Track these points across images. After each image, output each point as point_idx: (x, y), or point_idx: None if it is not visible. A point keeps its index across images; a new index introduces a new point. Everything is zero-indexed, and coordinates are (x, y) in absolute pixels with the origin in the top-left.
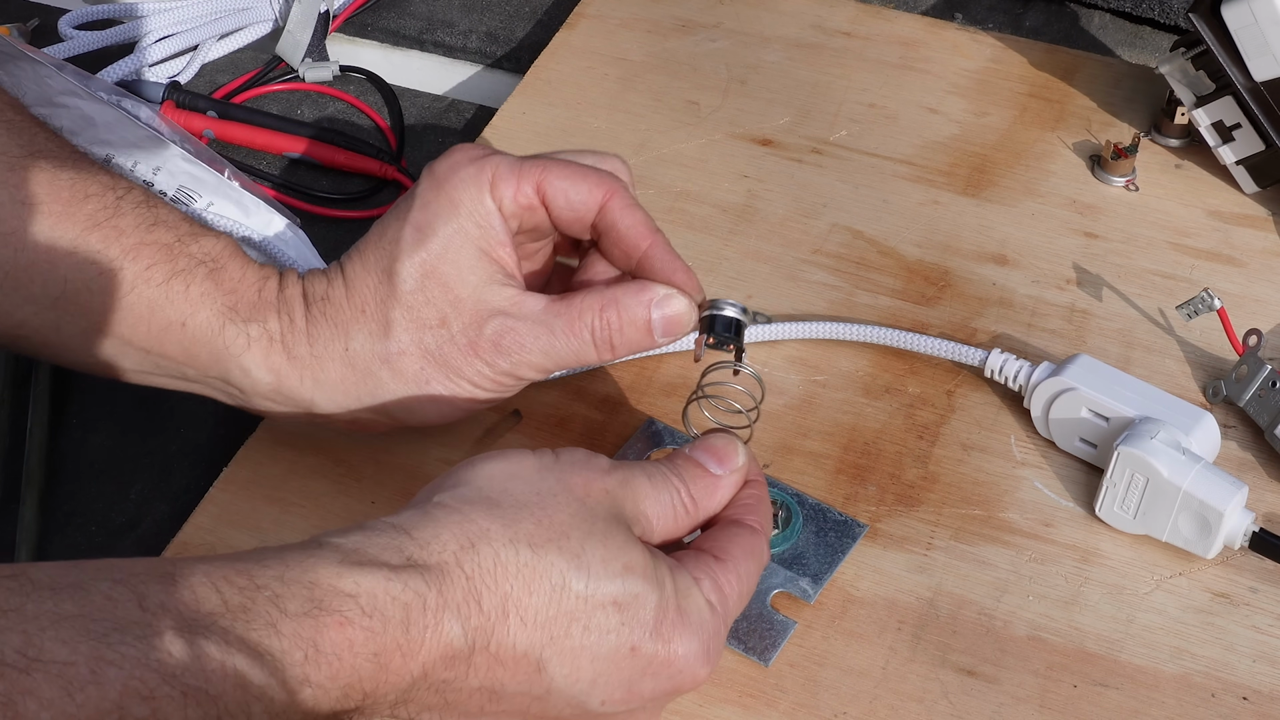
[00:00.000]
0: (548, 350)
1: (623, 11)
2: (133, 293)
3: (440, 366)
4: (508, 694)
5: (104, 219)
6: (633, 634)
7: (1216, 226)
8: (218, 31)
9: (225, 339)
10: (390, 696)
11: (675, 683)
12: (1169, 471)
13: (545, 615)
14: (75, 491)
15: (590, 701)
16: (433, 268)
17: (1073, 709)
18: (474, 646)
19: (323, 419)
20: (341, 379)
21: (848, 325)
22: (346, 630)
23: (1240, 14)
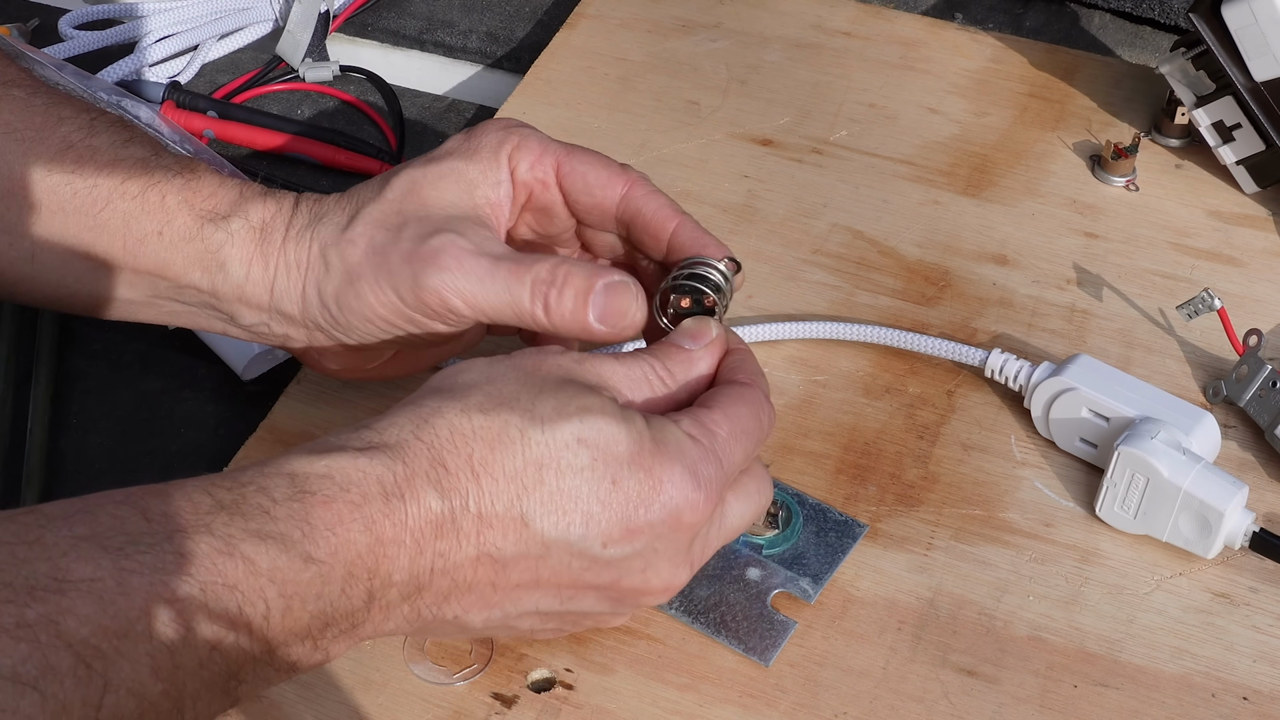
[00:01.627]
0: (483, 282)
1: (623, 11)
2: (108, 208)
3: (375, 264)
4: (508, 559)
5: (78, 140)
6: (608, 468)
7: (1217, 226)
8: (218, 31)
9: (204, 238)
10: (397, 579)
11: (670, 511)
12: (1169, 471)
13: (513, 467)
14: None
15: (592, 546)
16: (420, 185)
17: (1073, 709)
18: (454, 510)
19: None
20: (298, 262)
21: (848, 325)
22: (332, 505)
23: (1240, 14)
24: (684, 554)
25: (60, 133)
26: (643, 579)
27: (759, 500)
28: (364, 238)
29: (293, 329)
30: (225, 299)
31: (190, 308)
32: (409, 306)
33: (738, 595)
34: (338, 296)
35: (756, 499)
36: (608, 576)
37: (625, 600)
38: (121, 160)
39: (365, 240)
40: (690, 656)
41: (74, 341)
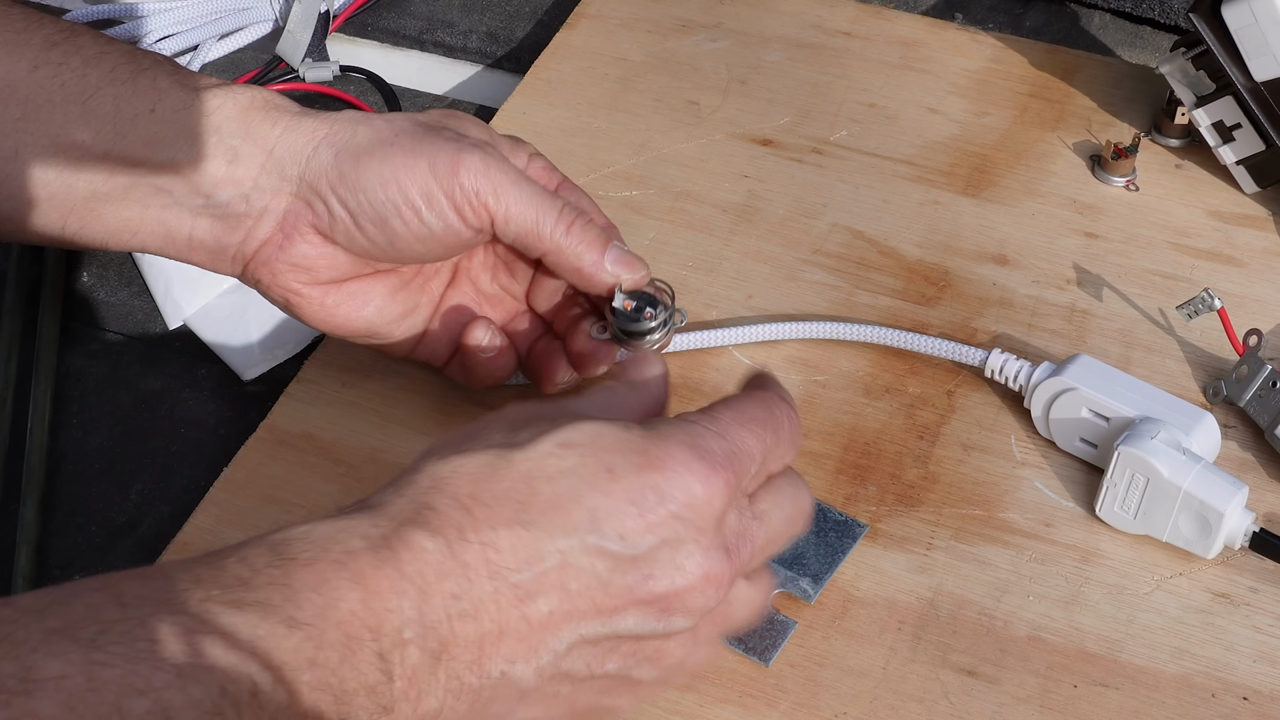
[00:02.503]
0: (518, 186)
1: (623, 11)
2: (98, 93)
3: (415, 137)
4: (527, 582)
5: (61, 39)
6: (599, 459)
7: (1217, 226)
8: (218, 31)
9: (201, 103)
10: (409, 635)
11: (680, 488)
12: (1169, 471)
13: (502, 489)
14: (75, 491)
15: (609, 542)
16: (455, 115)
17: (1073, 709)
18: (450, 544)
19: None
20: (314, 128)
21: (848, 325)
22: (314, 566)
23: (1240, 14)
24: (712, 535)
25: (43, 34)
26: (677, 571)
27: (795, 500)
28: (403, 121)
29: (277, 200)
30: (209, 166)
31: (163, 195)
32: (439, 181)
33: None
34: (358, 158)
35: (793, 497)
36: (637, 576)
37: (671, 607)
38: (108, 53)
39: (404, 123)
40: None
41: (74, 341)
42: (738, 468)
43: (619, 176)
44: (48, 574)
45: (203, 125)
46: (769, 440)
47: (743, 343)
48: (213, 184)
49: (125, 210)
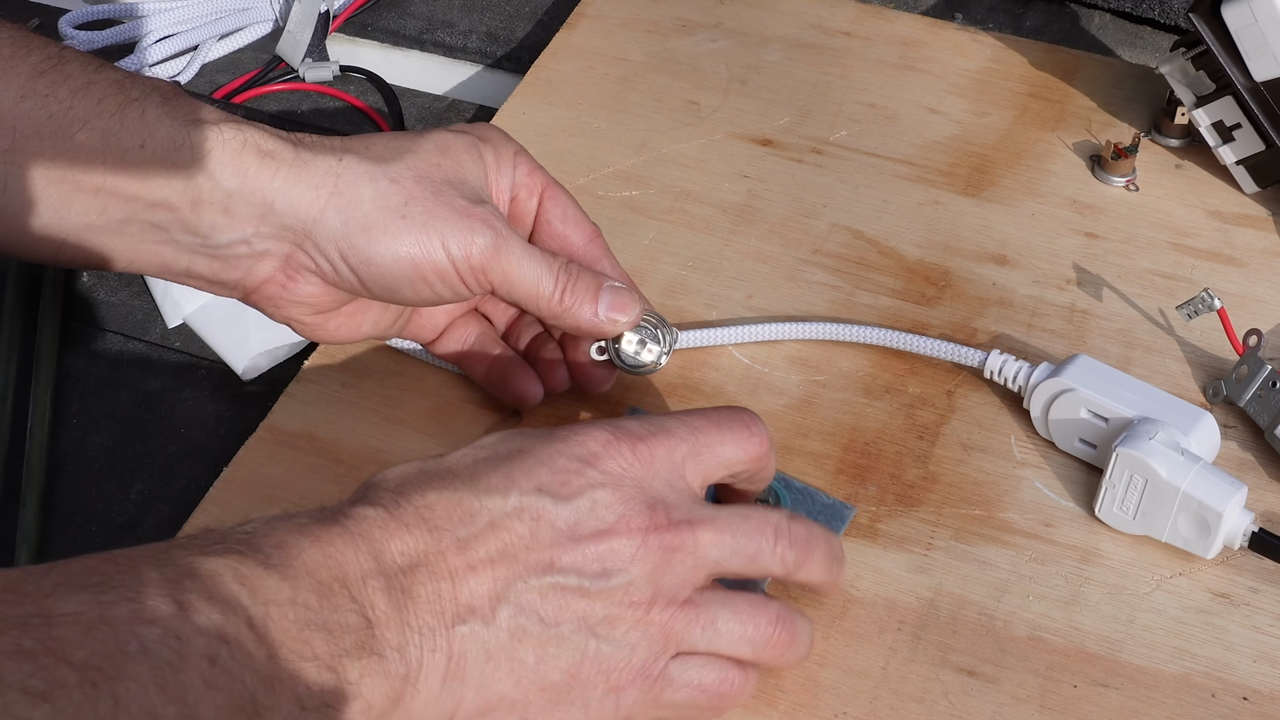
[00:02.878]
0: (520, 262)
1: (623, 11)
2: (85, 127)
3: (426, 210)
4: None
5: (49, 67)
6: (510, 445)
7: (1217, 226)
8: (218, 31)
9: (192, 144)
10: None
11: (582, 447)
12: (1167, 472)
13: (426, 479)
14: (75, 491)
15: (529, 498)
16: (453, 149)
17: (1073, 709)
18: (388, 509)
19: (260, 244)
20: (316, 184)
21: (848, 326)
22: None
23: (1240, 14)
24: (630, 489)
25: (30, 61)
26: (601, 518)
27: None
28: (408, 181)
29: (279, 245)
30: (205, 212)
31: (159, 231)
32: (452, 261)
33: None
34: (369, 230)
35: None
36: (565, 522)
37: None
38: (95, 83)
39: (411, 180)
40: None
41: (74, 341)
42: (648, 439)
43: (619, 176)
44: None
45: (195, 168)
46: (699, 424)
47: (743, 342)
48: (210, 228)
49: (120, 243)
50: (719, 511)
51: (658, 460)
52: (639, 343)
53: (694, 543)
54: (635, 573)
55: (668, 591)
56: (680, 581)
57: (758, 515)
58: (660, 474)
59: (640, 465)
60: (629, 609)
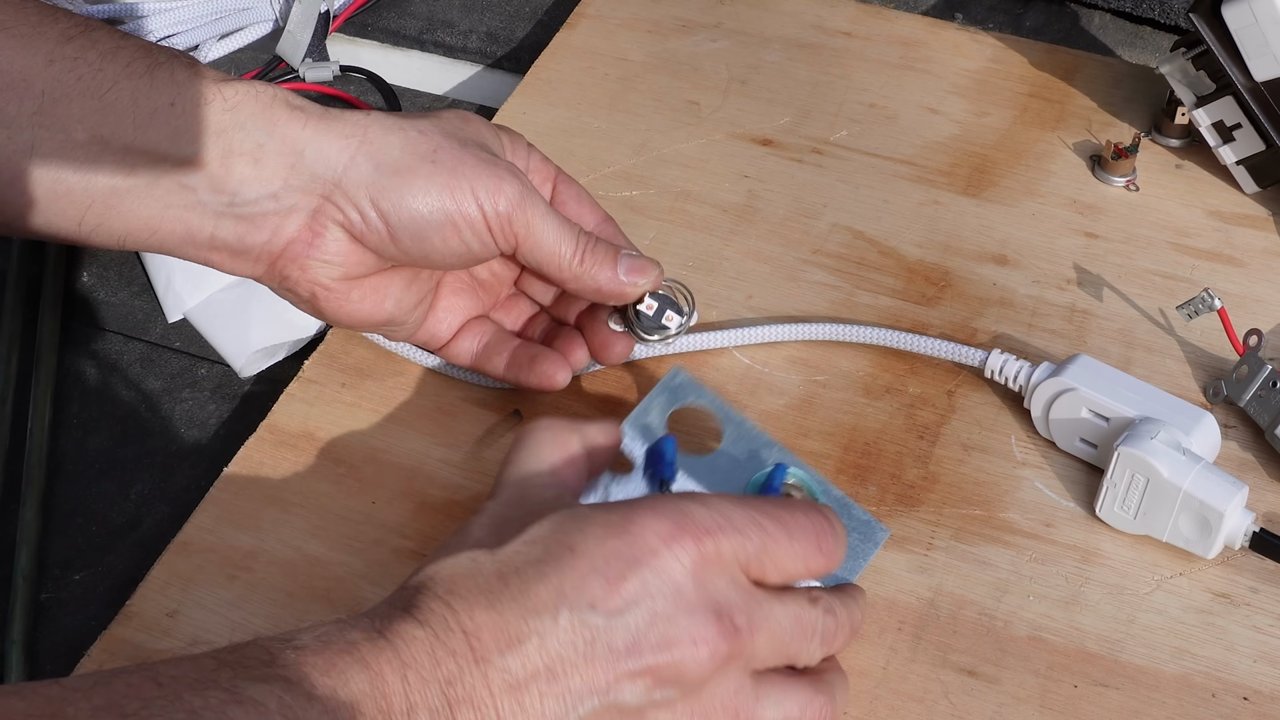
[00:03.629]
0: (545, 217)
1: (623, 11)
2: (114, 88)
3: (454, 158)
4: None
5: (77, 33)
6: (562, 542)
7: (1217, 226)
8: (218, 32)
9: (222, 97)
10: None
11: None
12: (1169, 472)
13: (475, 585)
14: (75, 491)
15: (582, 613)
16: (471, 121)
17: (1073, 709)
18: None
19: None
20: (345, 134)
21: (848, 326)
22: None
23: (1240, 14)
24: (693, 596)
25: (58, 28)
26: (658, 634)
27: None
28: (435, 134)
29: (307, 199)
30: (235, 164)
31: (186, 193)
32: (481, 207)
33: None
34: (401, 173)
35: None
36: (619, 644)
37: (664, 675)
38: (123, 48)
39: (439, 134)
40: None
41: (74, 341)
42: (714, 532)
43: (619, 176)
44: (48, 574)
45: (226, 121)
46: (769, 526)
47: (744, 344)
48: (239, 182)
49: (145, 208)
50: (773, 610)
51: (724, 558)
52: (659, 310)
53: (751, 649)
54: (695, 684)
55: (723, 699)
56: (736, 688)
57: (805, 615)
58: (723, 572)
59: (702, 562)
60: (687, 717)
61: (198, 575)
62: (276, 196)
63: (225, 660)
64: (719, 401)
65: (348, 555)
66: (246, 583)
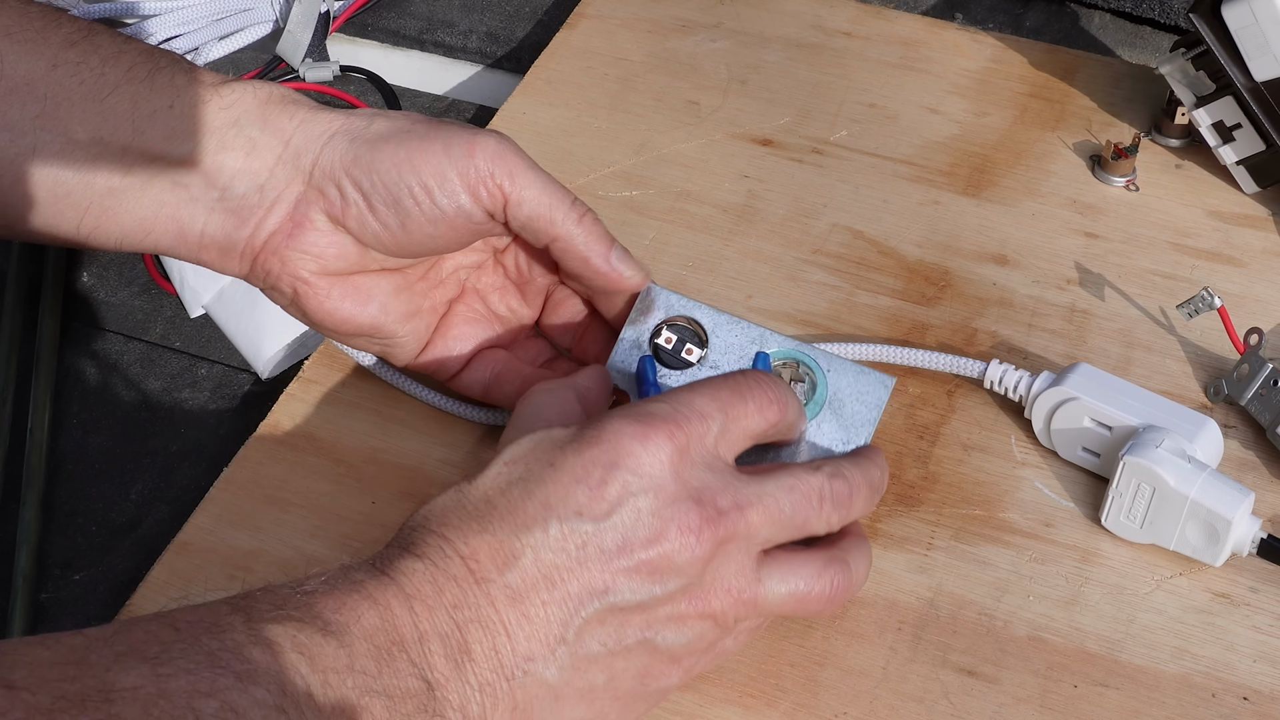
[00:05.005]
0: (533, 174)
1: (623, 11)
2: (115, 92)
3: (429, 126)
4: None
5: (80, 38)
6: (541, 459)
7: (1217, 226)
8: (219, 32)
9: (219, 97)
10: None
11: (616, 453)
12: (1176, 480)
13: (465, 513)
14: (75, 491)
15: (569, 522)
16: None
17: (1073, 709)
18: (434, 561)
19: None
20: (331, 119)
21: (843, 345)
22: (331, 594)
23: (1240, 14)
24: (672, 488)
25: (62, 33)
26: (644, 528)
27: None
28: (420, 118)
29: (290, 189)
30: (227, 159)
31: (180, 190)
32: (453, 162)
33: None
34: (374, 144)
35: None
36: (610, 544)
37: (657, 566)
38: (125, 52)
39: (418, 116)
40: None
41: (74, 341)
42: (681, 422)
43: (619, 176)
44: (48, 574)
45: (221, 118)
46: (725, 397)
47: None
48: (230, 176)
49: (141, 208)
50: (764, 485)
51: (693, 445)
52: (678, 343)
53: (745, 527)
54: (692, 573)
55: (725, 581)
56: (737, 569)
57: (803, 483)
58: (698, 459)
59: (677, 454)
60: (689, 606)
61: (198, 575)
62: (263, 188)
63: (238, 605)
64: (697, 305)
65: (348, 555)
66: (246, 583)
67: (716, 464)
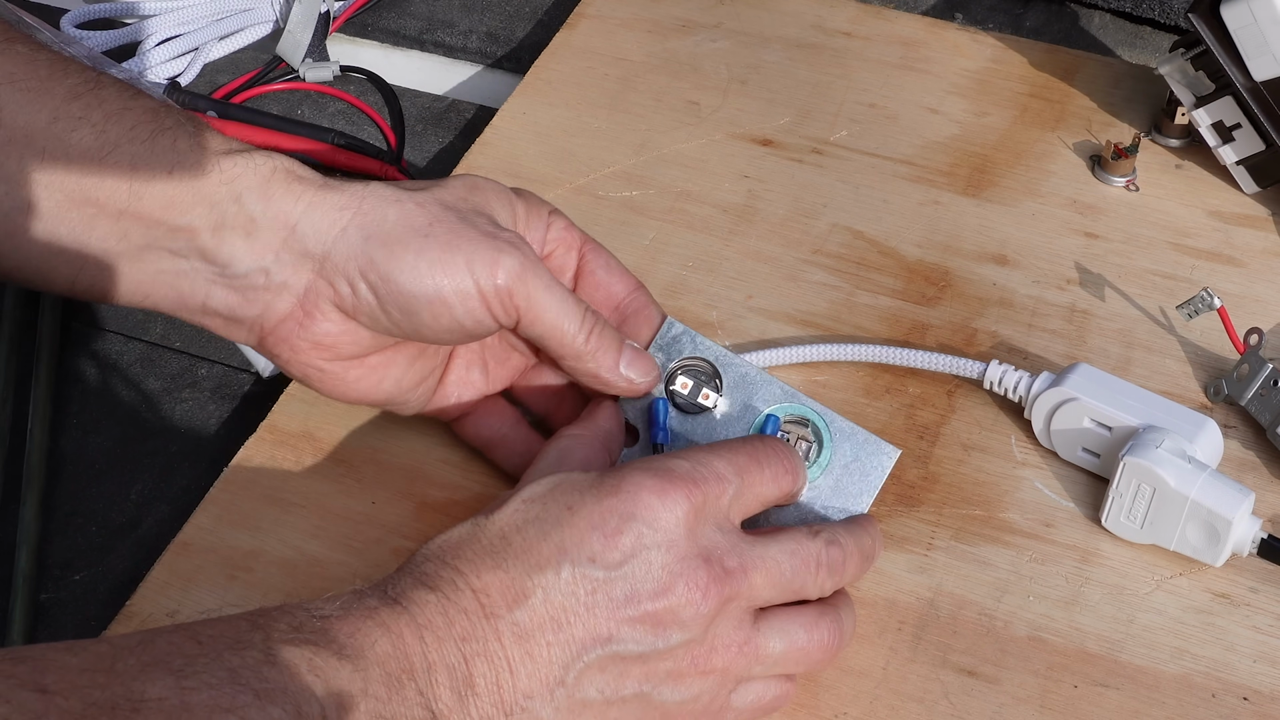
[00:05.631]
0: (549, 290)
1: (623, 11)
2: (115, 151)
3: (450, 230)
4: (522, 618)
5: (84, 90)
6: (560, 501)
7: (1217, 226)
8: (219, 32)
9: (220, 169)
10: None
11: (634, 504)
12: (1176, 481)
13: (480, 549)
14: (75, 491)
15: (582, 567)
16: (481, 188)
17: (1073, 709)
18: (446, 594)
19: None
20: (340, 205)
21: (843, 346)
22: (346, 619)
23: (1240, 14)
24: (684, 544)
25: (67, 84)
26: (654, 582)
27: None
28: (434, 206)
29: (298, 276)
30: (227, 237)
31: (178, 260)
32: (476, 280)
33: None
34: (391, 245)
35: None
36: (619, 594)
37: (663, 620)
38: (130, 109)
39: (435, 209)
40: None
41: (74, 341)
42: (700, 482)
43: (619, 176)
44: (48, 574)
45: (222, 192)
46: (743, 463)
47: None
48: (230, 254)
49: (138, 272)
50: (767, 549)
51: (708, 506)
52: (694, 388)
53: (748, 589)
54: (695, 629)
55: (725, 637)
56: (736, 624)
57: (802, 549)
58: (710, 519)
59: (693, 513)
60: (690, 663)
61: (198, 575)
62: (268, 271)
63: (258, 623)
64: (716, 349)
65: (348, 555)
66: (246, 583)
67: (726, 525)
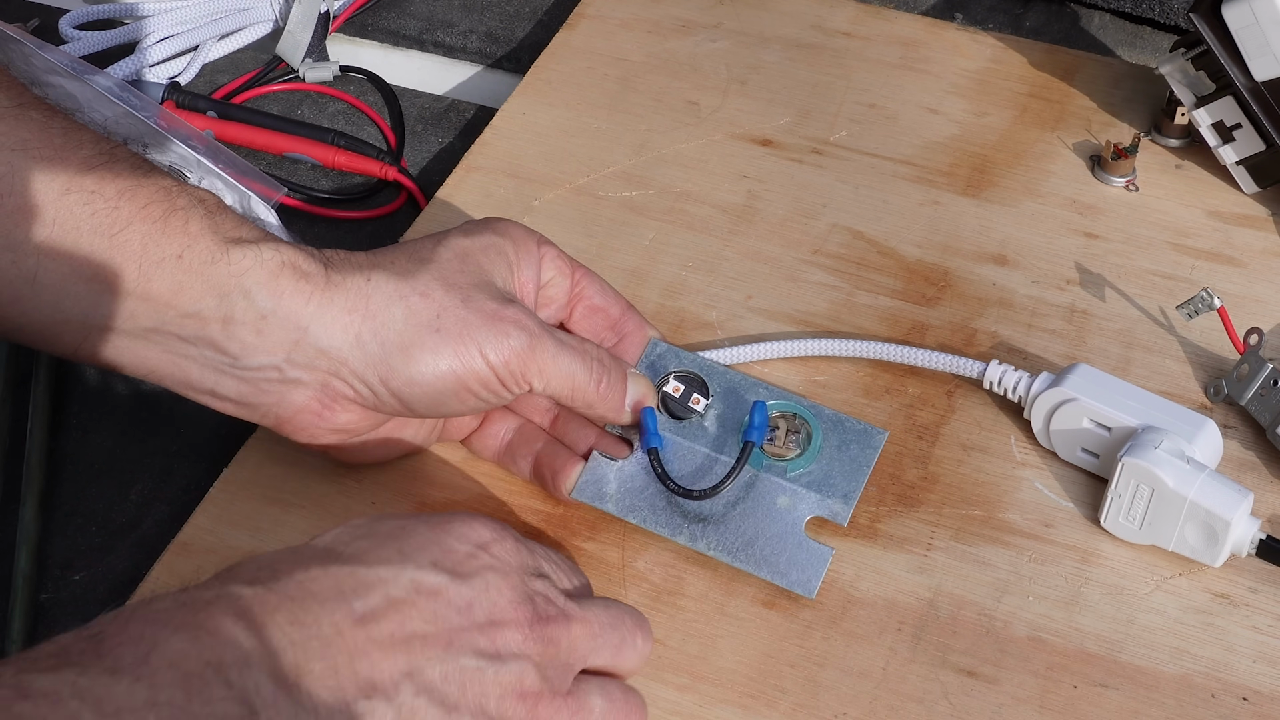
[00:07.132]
0: (556, 358)
1: (623, 11)
2: (127, 229)
3: (460, 321)
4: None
5: (99, 163)
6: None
7: (1217, 227)
8: (218, 32)
9: (229, 261)
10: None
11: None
12: (1175, 482)
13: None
14: (75, 491)
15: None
16: (472, 253)
17: (1073, 709)
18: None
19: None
20: (349, 307)
21: (842, 341)
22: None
23: (1241, 14)
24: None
25: (81, 155)
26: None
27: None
28: (437, 292)
29: (312, 375)
30: (237, 331)
31: (187, 345)
32: (491, 365)
33: (771, 526)
34: (407, 351)
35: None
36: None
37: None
38: (144, 186)
39: (439, 294)
40: (690, 657)
41: None
42: (522, 540)
43: (619, 176)
44: (48, 574)
45: (231, 284)
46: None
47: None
48: (239, 348)
49: (145, 349)
50: (586, 607)
51: (537, 553)
52: (685, 392)
53: (568, 637)
54: (525, 662)
55: (552, 683)
56: (561, 672)
57: (617, 607)
58: (539, 569)
59: (514, 548)
60: (520, 700)
61: (198, 575)
62: (280, 369)
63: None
64: (700, 360)
65: None
66: None
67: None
